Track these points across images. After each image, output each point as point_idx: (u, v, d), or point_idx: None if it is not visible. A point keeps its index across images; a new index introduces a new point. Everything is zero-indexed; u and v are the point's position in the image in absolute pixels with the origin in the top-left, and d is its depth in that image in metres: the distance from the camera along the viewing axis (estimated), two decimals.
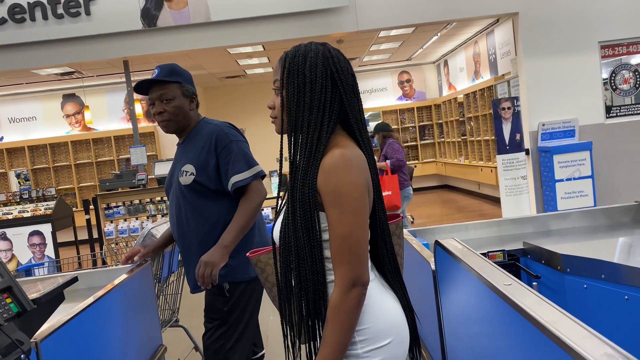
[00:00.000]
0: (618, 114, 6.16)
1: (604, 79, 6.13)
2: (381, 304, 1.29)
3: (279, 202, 1.41)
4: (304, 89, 1.29)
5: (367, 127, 1.43)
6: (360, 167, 1.26)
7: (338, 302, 1.20)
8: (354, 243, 1.22)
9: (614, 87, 6.16)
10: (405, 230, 2.38)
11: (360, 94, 1.39)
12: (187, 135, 2.28)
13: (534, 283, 1.85)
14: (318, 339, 1.27)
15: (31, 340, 1.36)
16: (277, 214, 1.41)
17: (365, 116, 13.48)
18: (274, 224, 1.40)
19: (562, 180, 5.79)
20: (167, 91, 2.20)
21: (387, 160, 5.67)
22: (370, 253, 1.34)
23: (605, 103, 6.14)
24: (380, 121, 6.28)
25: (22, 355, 1.25)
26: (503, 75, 8.25)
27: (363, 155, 1.30)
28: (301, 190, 1.26)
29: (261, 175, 2.19)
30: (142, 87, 2.24)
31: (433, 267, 1.69)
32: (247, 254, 1.49)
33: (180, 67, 2.30)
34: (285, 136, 1.36)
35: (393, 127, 12.64)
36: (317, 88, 1.28)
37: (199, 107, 2.35)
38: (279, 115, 1.35)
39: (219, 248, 2.05)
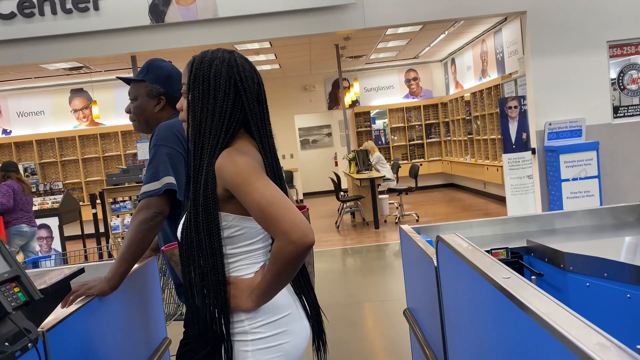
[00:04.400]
0: (626, 114, 6.14)
1: (612, 79, 6.11)
2: (283, 296, 1.38)
3: (185, 202, 1.47)
4: (208, 95, 1.36)
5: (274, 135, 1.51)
6: (247, 153, 1.33)
7: (276, 252, 1.26)
8: (274, 200, 1.26)
9: (622, 87, 6.13)
10: (409, 228, 2.39)
11: (367, 92, 1.45)
12: None
13: (533, 277, 1.86)
14: (223, 331, 1.36)
15: (38, 329, 1.38)
16: (182, 214, 1.48)
17: (372, 114, 13.43)
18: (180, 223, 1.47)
19: (568, 180, 5.78)
20: (132, 90, 2.10)
21: None
22: None
23: (613, 103, 6.12)
24: (7, 160, 6.50)
25: (29, 344, 1.27)
26: (510, 74, 8.23)
27: (255, 151, 1.38)
28: (204, 193, 1.33)
29: (166, 189, 1.86)
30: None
31: (435, 263, 1.70)
32: (162, 247, 1.55)
33: (155, 64, 2.12)
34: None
35: (399, 125, 12.70)
36: (219, 95, 1.35)
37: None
38: (186, 119, 1.42)
39: (103, 280, 1.82)
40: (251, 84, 1.38)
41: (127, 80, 2.15)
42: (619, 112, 6.13)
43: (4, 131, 10.64)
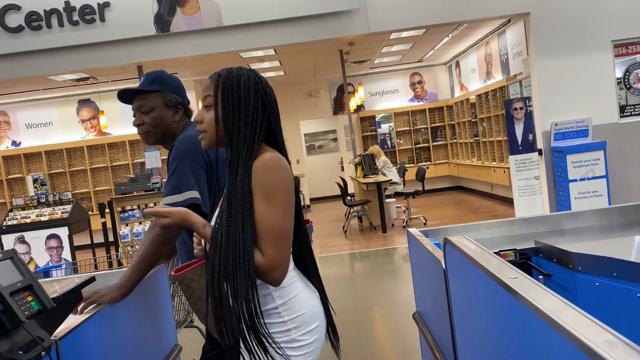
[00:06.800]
0: (632, 113, 6.11)
1: (617, 78, 6.08)
2: (307, 295, 1.51)
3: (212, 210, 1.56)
4: (239, 107, 1.45)
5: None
6: (287, 169, 1.46)
7: (257, 265, 1.38)
8: (282, 233, 1.40)
9: (628, 86, 6.10)
10: (417, 231, 2.40)
11: (372, 96, 1.52)
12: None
13: (540, 277, 1.86)
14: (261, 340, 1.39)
15: (51, 337, 1.40)
16: (210, 217, 1.55)
17: (377, 118, 13.43)
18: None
19: (575, 180, 5.75)
20: (146, 101, 2.05)
21: None
22: (295, 255, 1.55)
23: (619, 102, 6.09)
24: None
25: (42, 352, 1.29)
26: (515, 75, 8.22)
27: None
28: (240, 190, 1.40)
29: (191, 204, 1.86)
30: (127, 97, 2.10)
31: (444, 265, 1.71)
32: (172, 272, 1.56)
33: (166, 75, 2.12)
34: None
35: (405, 128, 12.71)
36: (250, 107, 1.46)
37: (191, 117, 2.14)
38: (210, 129, 1.50)
39: (115, 288, 1.83)
40: (272, 98, 1.52)
41: (131, 93, 2.07)
42: (626, 111, 6.11)
43: (14, 143, 10.74)
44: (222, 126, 1.47)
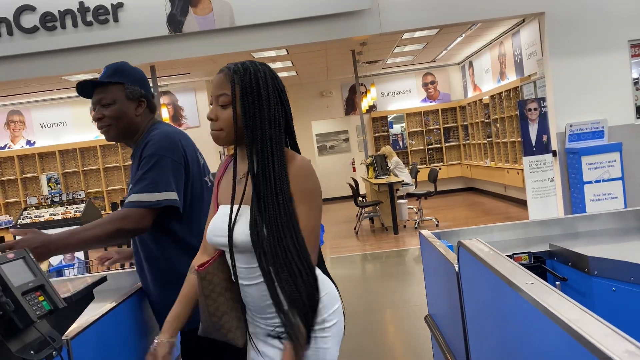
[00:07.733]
0: None
1: (634, 79, 5.99)
2: (326, 278, 1.54)
3: (235, 209, 1.47)
4: (259, 104, 1.41)
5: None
6: (316, 172, 1.48)
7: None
8: (318, 234, 1.44)
9: None
10: (429, 233, 2.38)
11: (384, 97, 1.51)
12: (135, 146, 1.95)
13: (557, 282, 1.83)
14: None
15: (62, 337, 1.40)
16: (234, 220, 1.45)
17: (389, 118, 13.34)
18: (231, 229, 1.44)
19: (590, 182, 5.67)
20: (106, 94, 1.91)
21: None
22: None
23: (636, 103, 6.00)
24: None
25: (53, 352, 1.29)
26: (529, 76, 8.14)
27: None
28: (280, 192, 1.38)
29: (165, 205, 1.77)
30: (86, 90, 1.96)
31: (457, 269, 1.68)
32: (196, 268, 1.51)
33: (128, 66, 1.99)
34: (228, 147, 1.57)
35: (417, 129, 12.65)
36: (272, 105, 1.42)
37: (155, 112, 2.03)
38: (227, 129, 1.44)
39: (49, 245, 1.68)
40: (286, 94, 1.49)
41: (92, 85, 1.94)
42: None
43: (28, 142, 10.87)
44: (241, 125, 1.42)
